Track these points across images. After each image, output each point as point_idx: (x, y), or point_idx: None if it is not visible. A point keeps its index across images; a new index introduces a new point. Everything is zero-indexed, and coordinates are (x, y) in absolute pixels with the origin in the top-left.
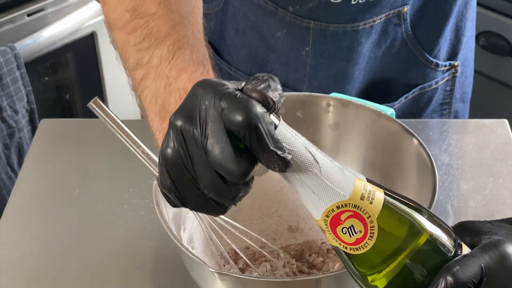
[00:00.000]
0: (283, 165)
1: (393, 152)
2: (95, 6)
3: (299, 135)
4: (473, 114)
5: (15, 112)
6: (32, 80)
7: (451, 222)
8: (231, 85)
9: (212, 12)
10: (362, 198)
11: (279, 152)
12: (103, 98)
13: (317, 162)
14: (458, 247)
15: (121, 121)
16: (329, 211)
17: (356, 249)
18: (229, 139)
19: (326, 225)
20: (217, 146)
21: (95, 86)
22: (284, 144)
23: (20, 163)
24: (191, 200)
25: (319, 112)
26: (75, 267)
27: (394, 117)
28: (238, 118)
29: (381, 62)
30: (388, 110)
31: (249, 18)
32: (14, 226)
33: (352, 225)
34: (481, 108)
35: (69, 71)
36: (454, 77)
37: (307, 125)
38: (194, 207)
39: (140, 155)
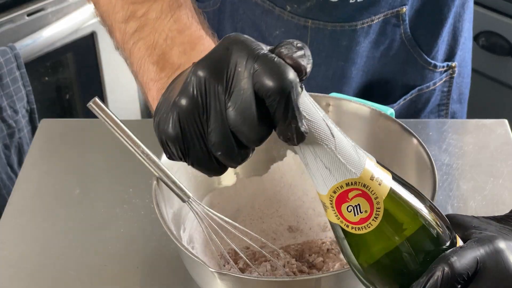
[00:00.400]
0: (298, 138)
1: (393, 152)
2: None
3: (318, 106)
4: (473, 114)
5: (15, 112)
6: (32, 80)
7: None
8: (264, 46)
9: (209, 11)
10: (371, 178)
11: (299, 125)
12: (103, 98)
13: (333, 136)
14: (454, 238)
15: (120, 121)
16: (337, 188)
17: (358, 228)
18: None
19: (331, 201)
20: (240, 105)
21: (95, 86)
22: (304, 114)
23: (20, 163)
24: (193, 154)
25: None
26: (75, 267)
27: (393, 116)
28: (272, 82)
29: (379, 63)
30: (388, 110)
31: (248, 16)
32: (14, 226)
33: (358, 204)
34: (481, 108)
35: (69, 71)
36: (452, 78)
37: None
38: (194, 163)
39: (140, 155)
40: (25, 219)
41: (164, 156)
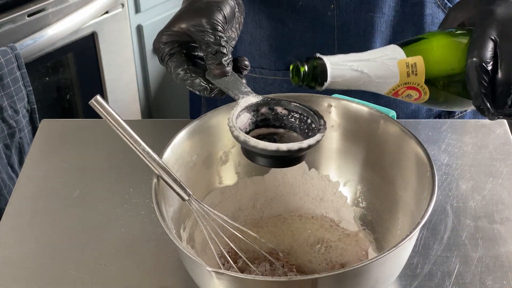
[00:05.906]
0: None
1: (393, 153)
2: (95, 6)
3: (344, 60)
4: (473, 114)
5: (15, 112)
6: (32, 80)
7: (450, 222)
8: None
9: None
10: (408, 75)
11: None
12: (103, 98)
13: (364, 73)
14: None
15: (121, 119)
16: (388, 93)
17: (419, 101)
18: None
19: (391, 96)
20: None
21: (95, 86)
22: (339, 80)
23: (21, 163)
24: None
25: (320, 113)
26: (75, 267)
27: (395, 118)
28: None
29: (409, 24)
30: (390, 112)
31: (264, 3)
32: (14, 226)
33: (408, 94)
34: None
35: (69, 71)
36: None
37: None
38: None
39: (140, 153)
40: (25, 219)
41: (164, 155)
